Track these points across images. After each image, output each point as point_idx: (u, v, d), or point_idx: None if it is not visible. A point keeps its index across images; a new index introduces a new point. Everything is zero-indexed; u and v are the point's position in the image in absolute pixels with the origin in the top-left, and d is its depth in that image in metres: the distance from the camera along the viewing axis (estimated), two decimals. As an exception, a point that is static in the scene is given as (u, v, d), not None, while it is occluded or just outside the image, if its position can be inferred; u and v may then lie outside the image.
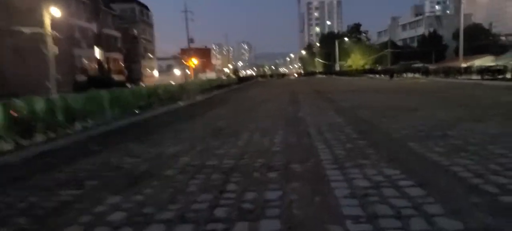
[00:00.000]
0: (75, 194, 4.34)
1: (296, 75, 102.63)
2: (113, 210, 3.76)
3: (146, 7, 64.44)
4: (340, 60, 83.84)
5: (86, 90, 17.94)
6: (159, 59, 79.06)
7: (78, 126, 8.95)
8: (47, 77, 24.29)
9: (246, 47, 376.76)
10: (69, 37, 36.58)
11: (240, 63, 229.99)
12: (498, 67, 24.68)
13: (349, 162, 5.20)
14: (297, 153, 5.92)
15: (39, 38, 24.24)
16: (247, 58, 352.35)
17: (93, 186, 4.66)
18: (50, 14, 23.57)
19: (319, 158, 5.54)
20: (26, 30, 23.72)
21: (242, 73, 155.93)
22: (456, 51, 67.88)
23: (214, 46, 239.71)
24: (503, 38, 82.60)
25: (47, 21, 23.27)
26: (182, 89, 18.46)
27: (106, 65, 46.06)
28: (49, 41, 23.29)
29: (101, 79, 36.14)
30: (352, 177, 4.50)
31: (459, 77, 28.41)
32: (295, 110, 12.28)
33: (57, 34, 24.40)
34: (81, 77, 37.00)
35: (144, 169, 5.35)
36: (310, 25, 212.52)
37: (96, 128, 9.07)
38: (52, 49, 23.54)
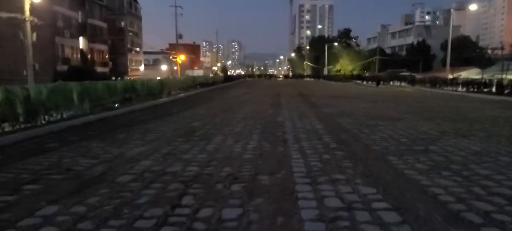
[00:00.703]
0: (6, 201, 3.80)
1: (281, 77, 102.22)
2: (43, 223, 3.24)
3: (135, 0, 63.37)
4: (329, 64, 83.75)
5: (67, 80, 17.28)
6: (146, 53, 77.80)
7: (41, 119, 8.33)
8: (24, 65, 23.34)
9: (237, 46, 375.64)
10: (51, 25, 35.43)
11: (229, 62, 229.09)
12: (483, 80, 24.67)
13: (323, 176, 4.76)
14: (269, 163, 5.47)
15: (18, 23, 23.26)
16: (237, 57, 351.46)
17: (32, 191, 4.12)
18: (30, -1, 22.64)
19: (291, 169, 5.09)
20: (3, 14, 22.71)
21: (231, 72, 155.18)
22: (444, 62, 68.38)
23: (204, 43, 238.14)
24: (489, 51, 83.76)
25: (27, 6, 22.34)
26: (162, 85, 17.84)
27: (90, 56, 44.91)
28: (28, 27, 22.38)
29: (83, 70, 35.05)
30: (324, 194, 4.07)
31: (445, 88, 28.39)
32: (275, 114, 11.83)
33: (36, 19, 23.36)
34: (63, 67, 35.89)
35: (96, 173, 4.82)
36: (301, 27, 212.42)
37: (60, 122, 8.45)
38: (30, 36, 22.57)
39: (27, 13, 22.41)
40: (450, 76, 34.14)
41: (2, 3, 25.96)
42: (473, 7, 35.36)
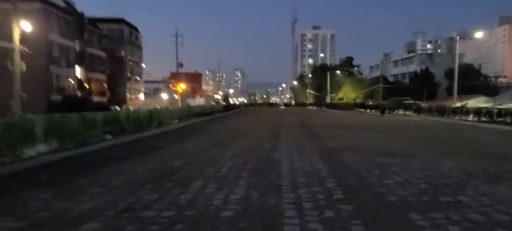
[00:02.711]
0: None
1: (283, 106, 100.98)
2: None
3: (136, 29, 62.94)
4: (331, 92, 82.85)
5: (61, 111, 16.10)
6: (147, 82, 77.17)
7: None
8: (11, 95, 22.28)
9: (239, 75, 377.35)
10: (46, 54, 34.63)
11: (231, 91, 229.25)
12: (497, 110, 23.31)
13: (325, 250, 3.40)
14: (253, 225, 4.11)
15: (7, 53, 22.33)
16: (239, 85, 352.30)
17: None
18: (20, 28, 21.83)
19: (282, 238, 3.73)
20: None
21: (234, 100, 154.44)
22: (448, 90, 67.35)
23: (207, 72, 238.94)
24: (492, 79, 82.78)
25: (16, 35, 21.47)
26: (151, 116, 16.59)
27: (87, 86, 44.00)
28: (17, 56, 21.43)
29: (77, 100, 34.02)
30: None
31: (454, 117, 27.06)
32: (271, 150, 10.49)
33: (26, 49, 22.42)
34: (57, 97, 34.83)
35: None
36: (303, 56, 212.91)
37: (8, 165, 7.10)
38: (18, 65, 21.58)
39: (17, 42, 21.53)
40: (458, 104, 32.85)
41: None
42: (478, 34, 34.49)
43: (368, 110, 50.32)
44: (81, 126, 10.08)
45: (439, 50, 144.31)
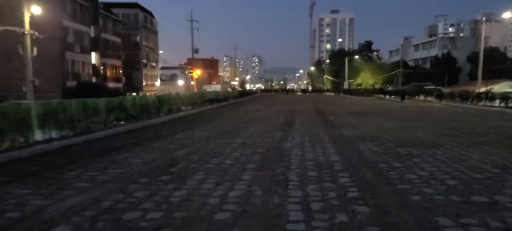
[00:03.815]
0: None
1: (300, 93, 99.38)
2: None
3: (151, 14, 62.39)
4: (349, 78, 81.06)
5: (77, 96, 15.78)
6: (164, 68, 76.96)
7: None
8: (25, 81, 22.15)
9: (257, 61, 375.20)
10: (61, 40, 34.62)
11: (249, 76, 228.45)
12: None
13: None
14: (249, 233, 3.48)
15: (19, 38, 22.14)
16: (257, 71, 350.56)
17: None
18: (30, 12, 21.57)
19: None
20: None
21: (251, 86, 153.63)
22: (471, 75, 64.99)
23: (224, 58, 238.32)
24: (519, 63, 79.55)
25: (27, 18, 21.22)
26: (160, 103, 16.07)
27: (102, 72, 43.96)
28: (27, 41, 21.22)
29: (92, 85, 33.84)
30: None
31: (478, 103, 25.75)
32: (282, 138, 9.82)
33: (36, 33, 22.19)
34: (72, 83, 34.84)
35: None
36: (321, 41, 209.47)
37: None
38: (30, 50, 21.39)
39: (27, 26, 21.30)
40: (482, 90, 31.39)
41: (5, 17, 24.90)
42: (507, 14, 32.57)
43: (387, 96, 48.89)
44: (81, 113, 9.60)
45: (461, 34, 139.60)
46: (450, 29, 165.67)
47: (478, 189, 4.91)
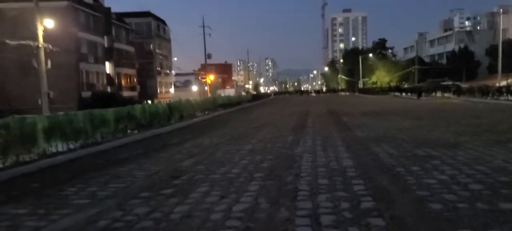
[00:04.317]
0: None
1: (314, 93, 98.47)
2: None
3: (163, 22, 62.85)
4: (364, 77, 79.96)
5: (92, 107, 15.77)
6: (178, 75, 77.51)
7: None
8: (40, 93, 22.33)
9: (270, 64, 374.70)
10: (75, 51, 34.99)
11: (262, 79, 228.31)
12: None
13: None
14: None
15: (33, 52, 22.39)
16: (270, 74, 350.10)
17: None
18: (43, 25, 21.77)
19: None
20: (12, 42, 21.96)
21: (264, 89, 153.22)
22: (490, 69, 63.21)
23: (238, 62, 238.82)
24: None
25: (40, 32, 21.41)
26: (171, 110, 15.87)
27: (117, 81, 44.36)
28: (41, 54, 21.40)
29: (107, 95, 34.12)
30: None
31: (499, 97, 24.86)
32: (294, 143, 9.46)
33: (50, 46, 22.39)
34: (87, 93, 35.20)
35: None
36: (334, 41, 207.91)
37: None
38: (44, 63, 21.56)
39: (41, 39, 21.48)
40: (503, 83, 30.36)
41: (18, 30, 25.24)
42: (525, 5, 31.46)
43: (403, 93, 47.91)
44: (88, 125, 9.44)
45: (478, 27, 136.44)
46: (467, 23, 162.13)
47: (507, 195, 4.49)
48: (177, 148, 9.66)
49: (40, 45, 21.54)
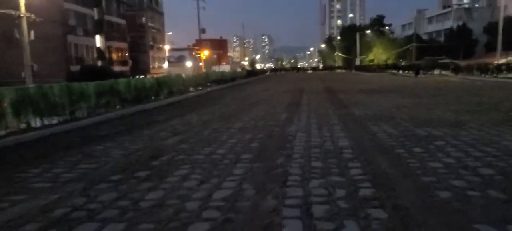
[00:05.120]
0: None
1: (310, 71, 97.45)
2: None
3: (156, -6, 61.37)
4: (361, 54, 79.00)
5: (81, 81, 15.04)
6: (171, 50, 76.07)
7: None
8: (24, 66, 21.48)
9: (267, 40, 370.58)
10: (61, 23, 33.81)
11: (259, 56, 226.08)
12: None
13: None
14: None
15: (15, 22, 21.41)
16: (267, 51, 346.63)
17: None
18: (25, -8, 20.70)
19: None
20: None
21: (261, 66, 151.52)
22: (487, 47, 62.41)
23: (234, 38, 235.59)
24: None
25: (22, 1, 20.42)
26: (159, 86, 15.18)
27: (107, 55, 43.26)
28: (24, 24, 20.48)
29: (97, 69, 33.20)
30: None
31: (498, 75, 24.35)
32: (287, 121, 8.90)
33: (32, 16, 21.41)
34: (76, 67, 34.19)
35: None
36: (331, 17, 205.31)
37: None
38: (27, 33, 20.66)
39: (22, 8, 20.52)
40: (502, 61, 29.79)
41: (4, 1, 24.08)
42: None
43: (400, 71, 47.32)
44: (65, 99, 8.80)
45: (476, 4, 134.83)
46: (465, 0, 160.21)
47: (522, 181, 3.97)
48: (162, 124, 9.07)
49: (22, 15, 20.62)
